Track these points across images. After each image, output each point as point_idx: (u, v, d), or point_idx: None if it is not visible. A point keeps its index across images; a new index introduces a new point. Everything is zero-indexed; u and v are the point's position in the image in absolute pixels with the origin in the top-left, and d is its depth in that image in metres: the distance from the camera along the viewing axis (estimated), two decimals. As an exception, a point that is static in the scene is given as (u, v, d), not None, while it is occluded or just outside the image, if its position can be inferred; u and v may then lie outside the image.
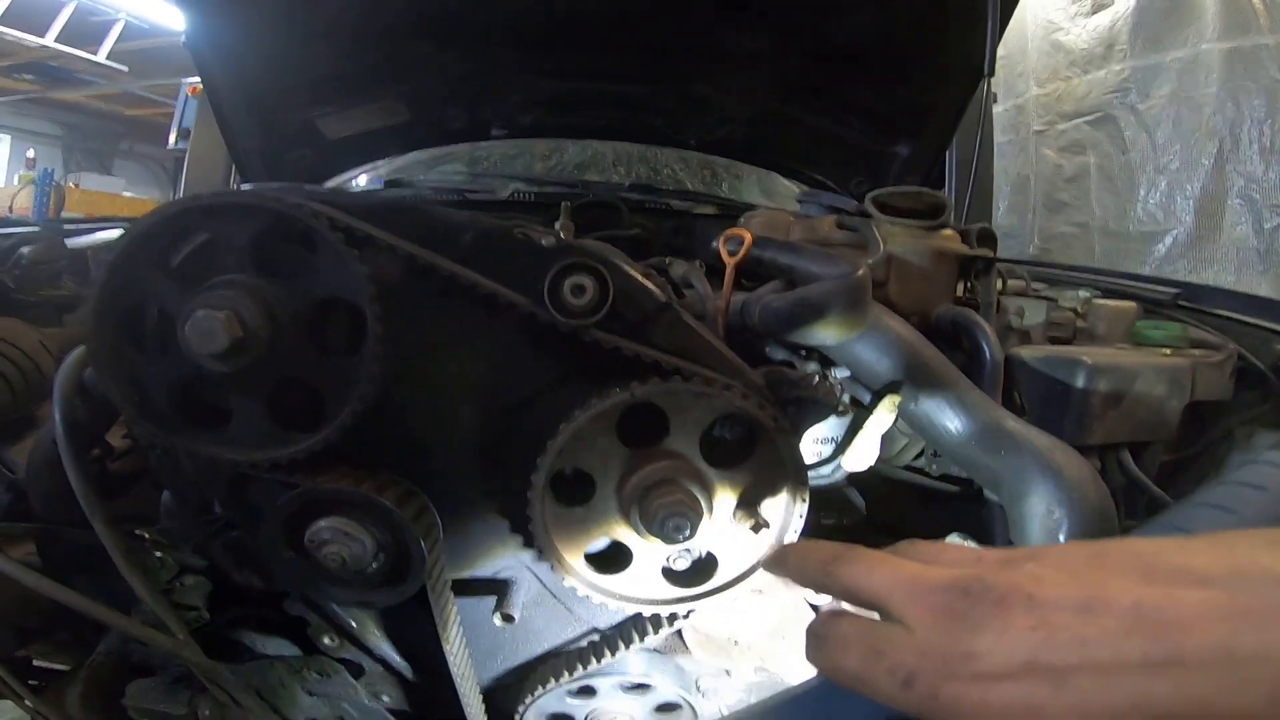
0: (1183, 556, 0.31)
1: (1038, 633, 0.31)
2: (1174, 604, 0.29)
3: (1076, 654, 0.30)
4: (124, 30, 7.09)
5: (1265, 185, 3.31)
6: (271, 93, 1.61)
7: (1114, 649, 0.29)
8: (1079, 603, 0.31)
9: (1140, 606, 0.30)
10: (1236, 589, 0.28)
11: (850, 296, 0.79)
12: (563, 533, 0.63)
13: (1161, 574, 0.30)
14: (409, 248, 0.62)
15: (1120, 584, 0.31)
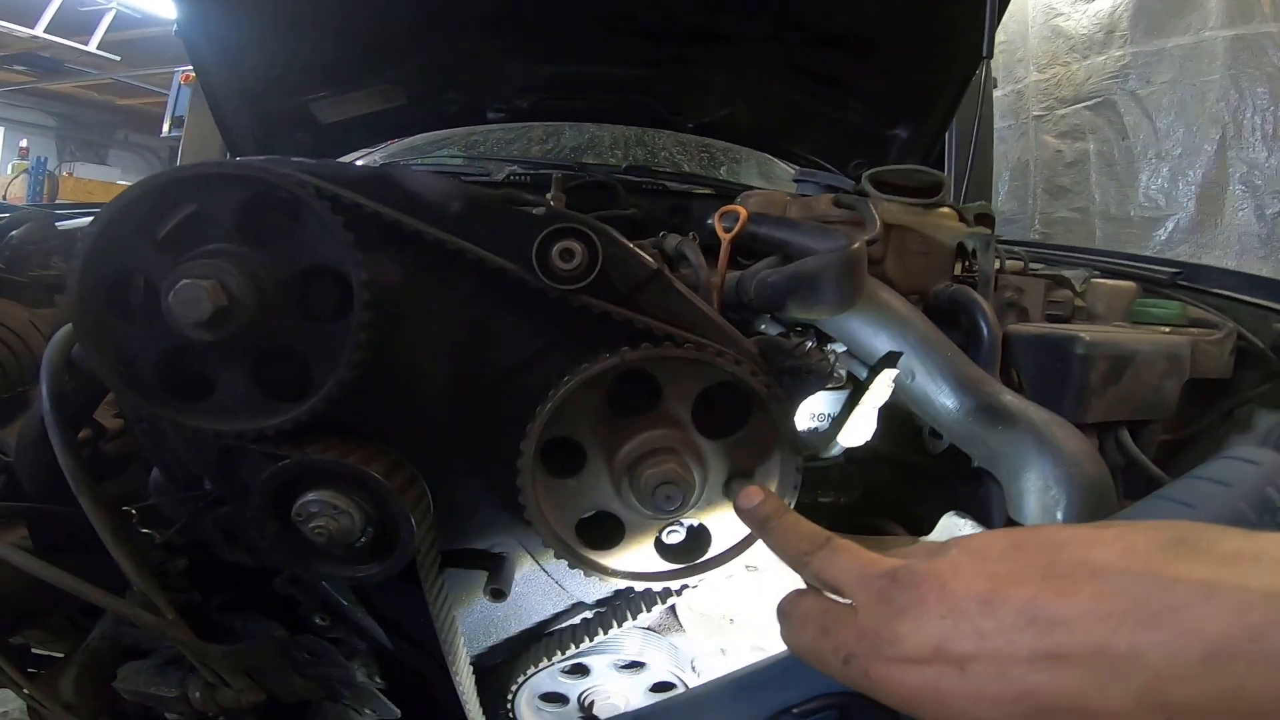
0: (1086, 550, 0.32)
1: (946, 621, 0.34)
2: (1063, 601, 0.31)
3: (975, 644, 0.32)
4: (115, 20, 7.06)
5: (1267, 171, 3.30)
6: (265, 79, 1.60)
7: (1007, 642, 0.32)
8: (982, 596, 0.33)
9: (1033, 602, 0.32)
10: (1122, 588, 0.30)
11: (845, 270, 0.78)
12: (553, 504, 0.62)
13: (1062, 568, 0.32)
14: (395, 215, 0.61)
15: (1023, 577, 0.33)
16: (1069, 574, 0.32)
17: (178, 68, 3.13)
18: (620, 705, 0.91)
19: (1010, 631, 0.32)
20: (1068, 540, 0.34)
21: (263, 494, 0.63)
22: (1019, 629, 0.31)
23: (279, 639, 0.89)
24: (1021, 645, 0.31)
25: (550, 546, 0.63)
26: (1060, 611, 0.31)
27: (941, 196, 1.09)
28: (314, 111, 1.66)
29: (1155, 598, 0.29)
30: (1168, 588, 0.29)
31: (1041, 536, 0.35)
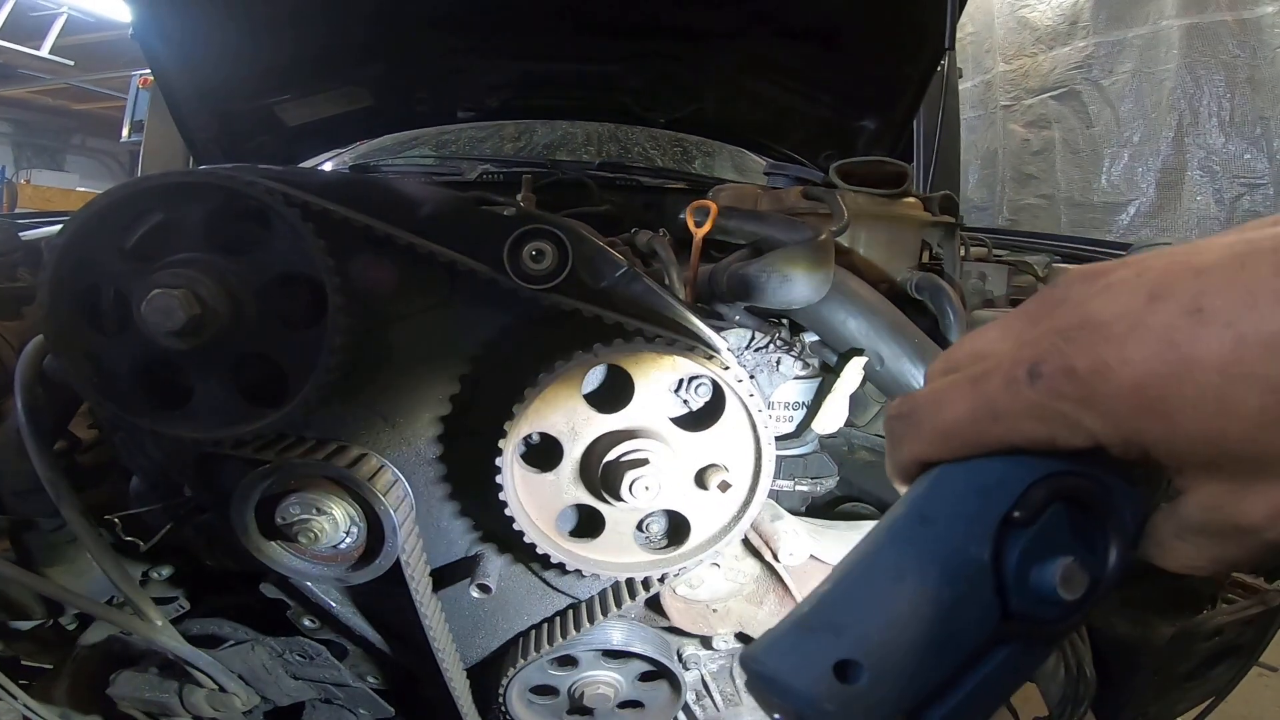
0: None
1: (1144, 278, 0.25)
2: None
3: (1200, 282, 0.24)
4: (67, 24, 6.86)
5: (1224, 157, 3.40)
6: (225, 82, 1.57)
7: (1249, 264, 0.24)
8: (1178, 250, 0.26)
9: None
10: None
11: (814, 259, 0.81)
12: (533, 499, 0.64)
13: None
14: (365, 220, 0.62)
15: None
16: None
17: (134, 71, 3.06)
18: (610, 695, 0.93)
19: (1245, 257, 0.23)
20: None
21: (244, 499, 0.64)
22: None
23: (268, 642, 0.89)
24: (1265, 260, 0.23)
25: (533, 540, 0.64)
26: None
27: (907, 186, 1.12)
28: (278, 114, 1.65)
29: None
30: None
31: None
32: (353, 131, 1.83)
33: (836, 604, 0.28)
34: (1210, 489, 0.26)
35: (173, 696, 0.91)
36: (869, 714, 0.26)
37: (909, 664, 0.26)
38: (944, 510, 0.28)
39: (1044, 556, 0.27)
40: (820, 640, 0.27)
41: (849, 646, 0.26)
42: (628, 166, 1.74)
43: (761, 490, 0.66)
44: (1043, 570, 0.27)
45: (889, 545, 0.29)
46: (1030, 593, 0.27)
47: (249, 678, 0.92)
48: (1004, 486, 0.28)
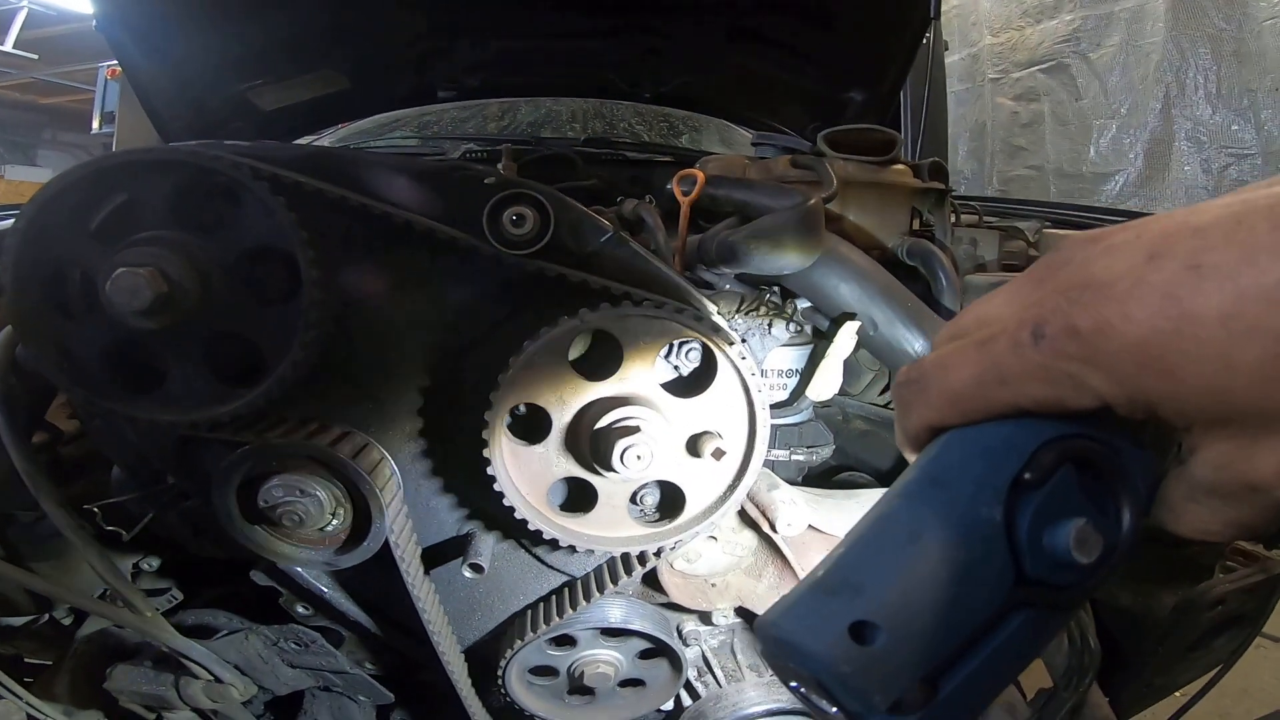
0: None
1: (1144, 238, 0.26)
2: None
3: (1199, 240, 0.24)
4: (29, 18, 6.71)
5: (1212, 128, 3.42)
6: (196, 69, 1.53)
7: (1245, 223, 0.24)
8: (1175, 215, 0.26)
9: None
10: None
11: (804, 225, 0.79)
12: (522, 472, 0.62)
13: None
14: (339, 191, 0.60)
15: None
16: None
17: (102, 63, 2.99)
18: (611, 674, 0.92)
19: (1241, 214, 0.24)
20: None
21: (225, 482, 0.62)
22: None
23: (261, 631, 0.87)
24: (1261, 218, 0.23)
25: (523, 515, 0.63)
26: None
27: (896, 154, 1.10)
28: (253, 100, 1.61)
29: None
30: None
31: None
32: (331, 115, 1.79)
33: (851, 567, 0.28)
34: (1219, 447, 0.26)
35: (169, 689, 0.89)
36: (886, 677, 0.25)
37: (925, 626, 0.26)
38: (955, 473, 0.28)
39: (1056, 518, 0.27)
40: (836, 602, 0.26)
41: (865, 608, 0.26)
42: (614, 142, 1.71)
43: (757, 457, 0.65)
44: (1055, 533, 0.27)
45: (903, 509, 0.28)
46: (1045, 556, 0.27)
47: (245, 667, 0.91)
48: (1013, 449, 0.27)
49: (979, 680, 0.27)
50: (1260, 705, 1.71)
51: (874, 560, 0.27)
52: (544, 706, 0.90)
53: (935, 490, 0.28)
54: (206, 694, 0.90)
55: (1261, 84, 3.26)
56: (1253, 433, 0.25)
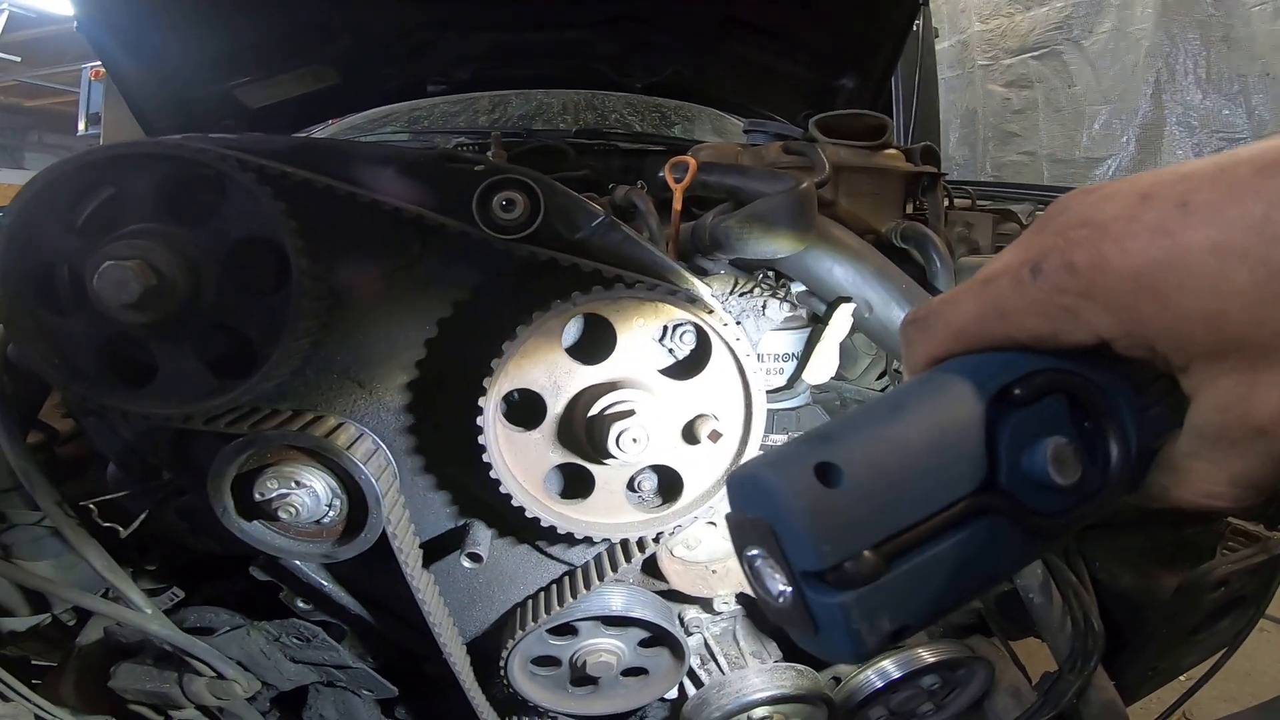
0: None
1: (1136, 185, 0.27)
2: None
3: (1186, 181, 0.26)
4: (10, 21, 6.65)
5: (1203, 113, 3.45)
6: (181, 67, 1.52)
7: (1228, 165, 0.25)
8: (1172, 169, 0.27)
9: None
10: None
11: (796, 208, 0.79)
12: (518, 459, 0.62)
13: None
14: (326, 180, 0.59)
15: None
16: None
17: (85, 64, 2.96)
18: (613, 663, 0.92)
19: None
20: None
21: (220, 475, 0.62)
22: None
23: (262, 626, 0.87)
24: (1243, 164, 0.24)
25: (520, 502, 0.63)
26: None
27: (887, 138, 1.10)
28: (240, 97, 1.59)
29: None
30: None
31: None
32: (320, 111, 1.78)
33: (831, 425, 0.28)
34: (1220, 385, 0.26)
35: (173, 686, 0.89)
36: (840, 528, 0.25)
37: (889, 489, 0.26)
38: (947, 372, 0.29)
39: (1037, 435, 0.28)
40: (807, 446, 0.27)
41: (833, 453, 0.26)
42: (605, 132, 1.71)
43: (754, 438, 0.65)
44: (1034, 453, 0.27)
45: (892, 393, 0.30)
46: (1021, 474, 0.27)
47: (248, 663, 0.90)
48: (1006, 367, 0.28)
49: (933, 573, 0.26)
50: (1265, 689, 1.71)
51: (853, 421, 0.28)
52: (547, 696, 0.90)
53: (926, 383, 0.29)
54: (211, 690, 0.89)
55: (1251, 69, 3.28)
56: (1251, 366, 0.25)
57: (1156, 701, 1.19)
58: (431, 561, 0.77)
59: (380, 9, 1.53)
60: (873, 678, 0.94)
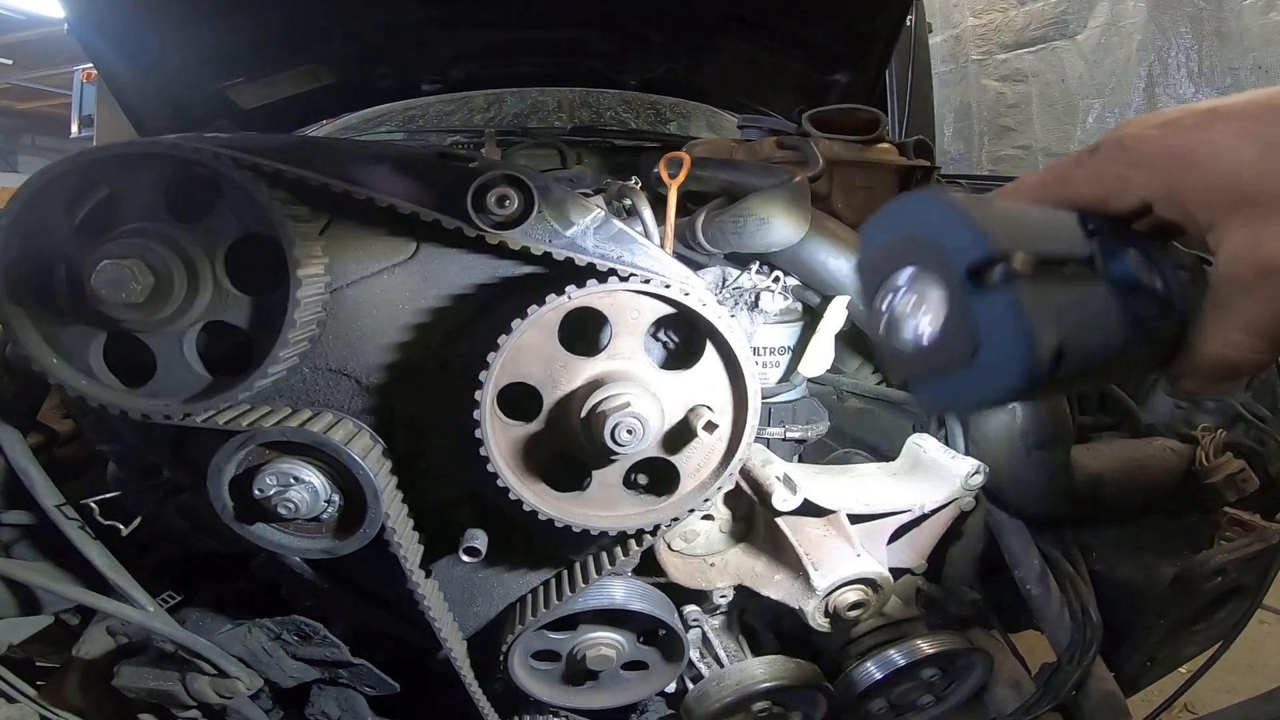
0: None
1: (1174, 109, 0.34)
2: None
3: (1212, 103, 0.33)
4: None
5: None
6: (173, 68, 1.52)
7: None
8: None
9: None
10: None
11: (790, 201, 0.79)
12: (515, 452, 0.62)
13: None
14: (321, 178, 0.60)
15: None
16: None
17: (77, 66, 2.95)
18: (613, 657, 0.93)
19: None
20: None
21: (218, 474, 0.62)
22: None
23: (263, 623, 0.88)
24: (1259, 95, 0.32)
25: (518, 496, 0.63)
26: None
27: (880, 132, 1.11)
28: (233, 98, 1.59)
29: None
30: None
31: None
32: (315, 111, 1.78)
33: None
34: (1235, 236, 0.32)
35: (176, 685, 0.89)
36: (1000, 226, 0.27)
37: (1024, 221, 0.30)
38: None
39: (1119, 248, 0.32)
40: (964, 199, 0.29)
41: (989, 205, 0.29)
42: (601, 130, 1.71)
43: (749, 429, 0.65)
44: (1123, 257, 0.32)
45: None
46: (1115, 275, 0.31)
47: (249, 661, 0.91)
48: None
49: (1076, 305, 0.28)
50: (1267, 681, 1.72)
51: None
52: (547, 691, 0.90)
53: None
54: (213, 688, 0.90)
55: (1244, 63, 3.29)
56: (1261, 216, 0.31)
57: (1157, 693, 1.19)
58: (430, 557, 0.77)
59: (373, 7, 1.53)
60: (872, 669, 0.94)
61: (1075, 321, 0.28)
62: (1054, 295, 0.27)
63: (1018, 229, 0.28)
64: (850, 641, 0.97)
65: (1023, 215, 0.31)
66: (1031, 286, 0.26)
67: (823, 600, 0.84)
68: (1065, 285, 0.28)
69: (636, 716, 1.02)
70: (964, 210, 0.27)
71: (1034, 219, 0.31)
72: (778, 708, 0.92)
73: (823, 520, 0.86)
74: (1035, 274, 0.26)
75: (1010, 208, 0.31)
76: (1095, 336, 0.29)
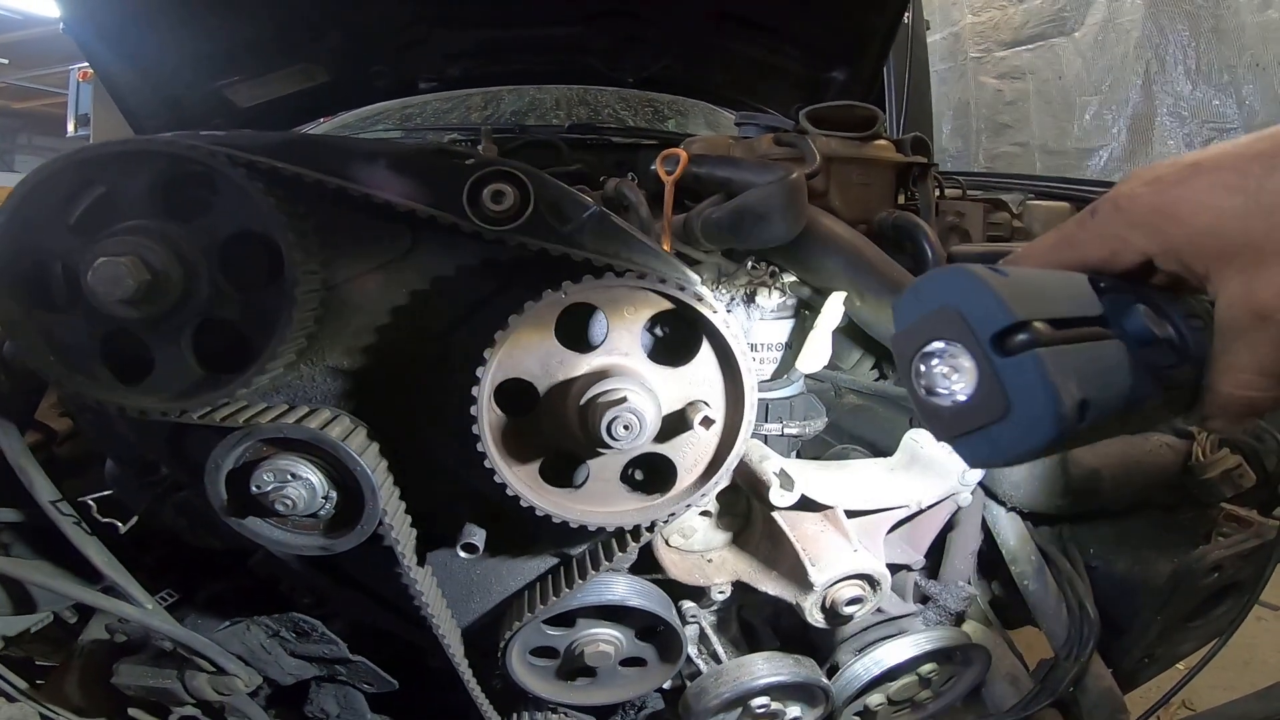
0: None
1: (1162, 162, 0.36)
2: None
3: (1193, 156, 0.35)
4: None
5: (1193, 103, 3.48)
6: (169, 67, 1.52)
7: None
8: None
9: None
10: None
11: (787, 197, 0.79)
12: (512, 448, 0.62)
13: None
14: (317, 175, 0.60)
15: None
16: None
17: (73, 65, 2.94)
18: (611, 653, 0.93)
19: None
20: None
21: (215, 470, 0.62)
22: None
23: (262, 620, 0.88)
24: (1238, 144, 0.34)
25: (515, 491, 0.63)
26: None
27: (877, 129, 1.10)
28: (230, 96, 1.59)
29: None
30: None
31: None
32: (311, 110, 1.78)
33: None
34: (1230, 286, 0.34)
35: (174, 682, 0.90)
36: (1021, 298, 0.29)
37: (1041, 287, 0.32)
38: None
39: (1129, 305, 0.34)
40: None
41: (1007, 276, 0.31)
42: (598, 127, 1.71)
43: (746, 423, 0.65)
44: (1133, 314, 0.34)
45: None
46: (1126, 330, 0.33)
47: (248, 658, 0.91)
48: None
49: (1094, 362, 0.31)
50: (1264, 678, 1.72)
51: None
52: (545, 687, 0.91)
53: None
54: (212, 685, 0.90)
55: (1241, 60, 3.30)
56: (1251, 265, 0.33)
57: (1155, 690, 1.19)
58: (427, 551, 0.77)
59: (370, 5, 1.53)
60: (871, 666, 0.95)
61: (1095, 375, 0.30)
62: (1073, 354, 0.30)
63: (1035, 297, 0.30)
64: (848, 637, 0.98)
65: (1038, 282, 0.33)
66: (1052, 348, 0.29)
67: (820, 596, 0.84)
68: (1083, 343, 0.31)
69: (635, 713, 1.02)
70: (986, 283, 0.29)
71: (1049, 284, 0.33)
72: (776, 704, 0.93)
73: (820, 516, 0.86)
74: (1054, 336, 0.29)
75: (1026, 275, 0.33)
76: (1116, 388, 0.31)
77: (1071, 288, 0.34)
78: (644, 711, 1.03)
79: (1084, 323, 0.32)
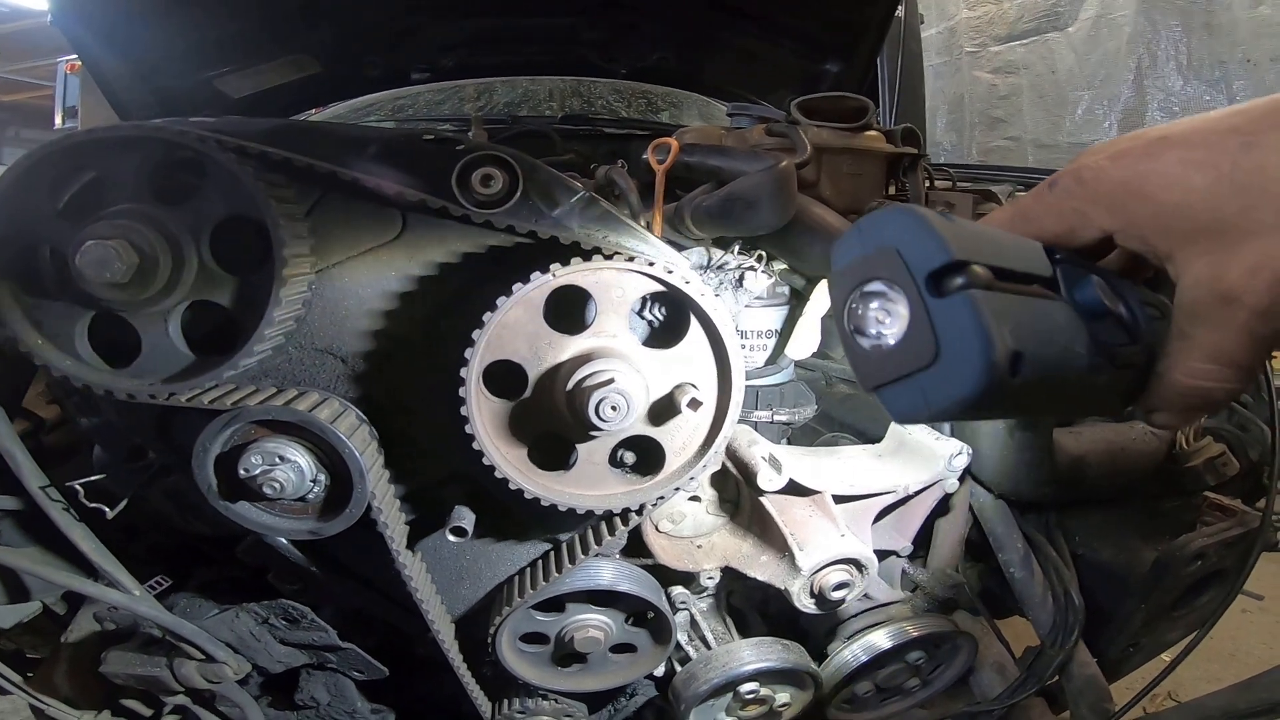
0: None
1: (1126, 136, 0.35)
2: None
3: (1161, 130, 0.33)
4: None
5: (1184, 98, 3.50)
6: (159, 59, 1.51)
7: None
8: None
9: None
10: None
11: (776, 186, 0.80)
12: (500, 430, 0.63)
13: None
14: (306, 160, 0.60)
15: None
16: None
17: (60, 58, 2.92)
18: (601, 639, 0.93)
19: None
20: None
21: (203, 453, 0.62)
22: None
23: (250, 608, 0.88)
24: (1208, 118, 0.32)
25: (503, 474, 0.63)
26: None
27: (868, 120, 1.11)
28: (221, 88, 1.58)
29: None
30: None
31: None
32: (303, 101, 1.77)
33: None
34: (1194, 266, 0.32)
35: (164, 670, 0.89)
36: (962, 240, 0.28)
37: (989, 239, 0.31)
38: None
39: (1083, 276, 0.33)
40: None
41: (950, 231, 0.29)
42: (591, 118, 1.71)
43: (734, 406, 0.66)
44: (1086, 286, 0.32)
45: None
46: (1078, 301, 0.32)
47: (237, 645, 0.91)
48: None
49: (1035, 318, 0.29)
50: (1249, 669, 1.74)
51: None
52: (535, 673, 0.91)
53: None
54: (201, 673, 0.90)
55: (1232, 56, 3.32)
56: (1218, 246, 0.31)
57: (1140, 680, 1.21)
58: (417, 537, 0.77)
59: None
60: (859, 652, 0.96)
61: (1035, 332, 0.28)
62: (1013, 304, 0.28)
63: (980, 242, 0.29)
64: (837, 624, 0.98)
65: (987, 233, 0.31)
66: (989, 292, 0.27)
67: (808, 580, 0.84)
68: (1025, 297, 0.29)
69: (625, 699, 1.03)
70: (928, 221, 0.27)
71: (999, 238, 0.32)
72: (765, 690, 0.93)
73: (808, 501, 0.87)
74: (994, 282, 0.27)
75: (977, 227, 0.31)
76: (1056, 350, 0.29)
77: (1024, 248, 0.32)
78: (634, 698, 1.03)
79: (1032, 280, 0.30)
